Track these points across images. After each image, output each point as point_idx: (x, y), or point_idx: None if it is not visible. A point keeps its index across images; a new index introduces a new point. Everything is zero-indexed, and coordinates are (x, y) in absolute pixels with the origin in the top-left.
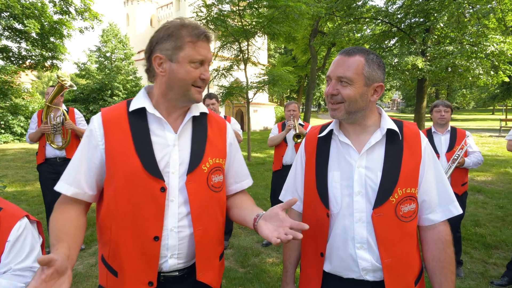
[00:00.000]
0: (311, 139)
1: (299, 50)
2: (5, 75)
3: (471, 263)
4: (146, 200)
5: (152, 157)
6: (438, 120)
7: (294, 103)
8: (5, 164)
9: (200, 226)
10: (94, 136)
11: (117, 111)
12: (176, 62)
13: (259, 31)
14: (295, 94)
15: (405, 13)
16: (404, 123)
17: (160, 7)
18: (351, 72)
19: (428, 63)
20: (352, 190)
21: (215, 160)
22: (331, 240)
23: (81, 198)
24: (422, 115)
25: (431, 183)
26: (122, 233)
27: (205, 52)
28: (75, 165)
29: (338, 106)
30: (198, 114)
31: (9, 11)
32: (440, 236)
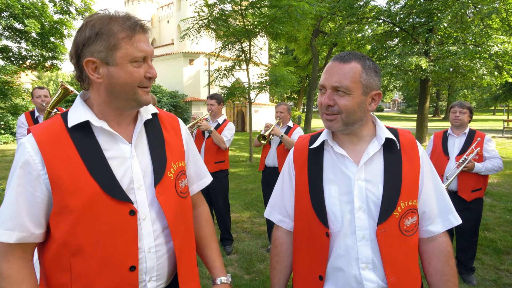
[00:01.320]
0: (301, 151)
1: (301, 50)
2: (5, 75)
3: (483, 270)
4: (115, 228)
5: (111, 176)
6: (452, 121)
7: (283, 105)
8: (5, 165)
9: (178, 238)
10: (32, 165)
11: (52, 130)
12: (114, 65)
13: (261, 31)
14: (296, 95)
15: (407, 13)
16: (399, 131)
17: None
18: (348, 80)
19: (431, 64)
20: (352, 206)
21: (178, 164)
22: (331, 261)
23: (27, 241)
24: (425, 116)
25: (430, 193)
26: (91, 270)
27: (145, 46)
28: (12, 204)
29: (334, 117)
30: (149, 117)
31: (9, 10)
32: (442, 248)
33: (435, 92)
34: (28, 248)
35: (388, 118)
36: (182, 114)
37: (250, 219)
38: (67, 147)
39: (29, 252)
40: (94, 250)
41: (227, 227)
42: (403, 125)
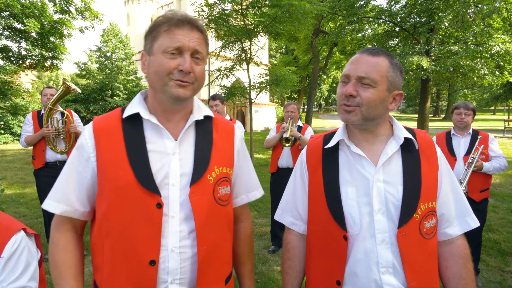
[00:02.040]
0: (314, 151)
1: (301, 50)
2: (4, 75)
3: (488, 272)
4: (140, 218)
5: (147, 168)
6: (457, 123)
7: (293, 104)
8: (4, 166)
9: (204, 245)
10: (85, 147)
11: (109, 119)
12: (151, 55)
13: (261, 31)
14: (296, 95)
15: (408, 13)
16: (416, 131)
17: (161, 7)
18: (375, 73)
19: (432, 63)
20: (371, 208)
21: (222, 170)
22: (350, 265)
23: (71, 216)
24: (426, 116)
25: (448, 195)
26: (115, 257)
27: (182, 38)
28: (64, 180)
29: (353, 109)
30: (201, 117)
31: (9, 10)
32: (459, 251)
33: (435, 92)
34: (77, 223)
35: None
36: None
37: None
38: (117, 136)
39: (78, 228)
40: (120, 237)
41: None
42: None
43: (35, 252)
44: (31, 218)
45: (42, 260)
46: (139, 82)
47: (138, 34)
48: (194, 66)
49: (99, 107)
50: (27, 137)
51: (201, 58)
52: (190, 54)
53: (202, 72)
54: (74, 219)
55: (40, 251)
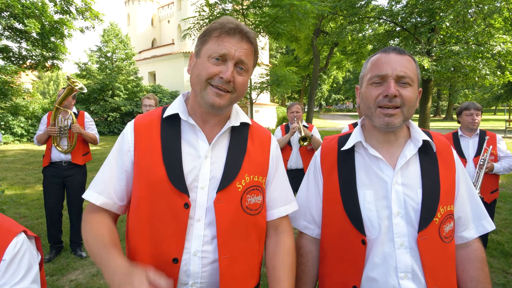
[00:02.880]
0: (329, 153)
1: (302, 50)
2: (5, 75)
3: (491, 273)
4: (167, 216)
5: (179, 167)
6: (469, 125)
7: (297, 104)
8: (5, 166)
9: (227, 253)
10: (126, 141)
11: (151, 117)
12: (199, 57)
13: (262, 31)
14: (296, 95)
15: (409, 13)
16: (432, 133)
17: (161, 7)
18: (411, 71)
19: (434, 63)
20: (390, 211)
21: (253, 178)
22: (367, 270)
23: (110, 208)
24: (427, 116)
25: (464, 198)
26: (141, 250)
27: (229, 47)
28: (106, 172)
29: (396, 112)
30: (237, 124)
31: (9, 10)
32: (476, 254)
33: (435, 92)
34: (112, 215)
35: None
36: None
37: None
38: (155, 133)
39: (111, 219)
40: (147, 231)
41: None
42: None
43: (36, 255)
44: (31, 219)
45: (42, 263)
46: (140, 82)
47: (139, 34)
48: (236, 76)
49: (99, 107)
50: (38, 136)
51: (245, 69)
52: (234, 64)
53: (243, 83)
54: (109, 212)
55: (40, 254)
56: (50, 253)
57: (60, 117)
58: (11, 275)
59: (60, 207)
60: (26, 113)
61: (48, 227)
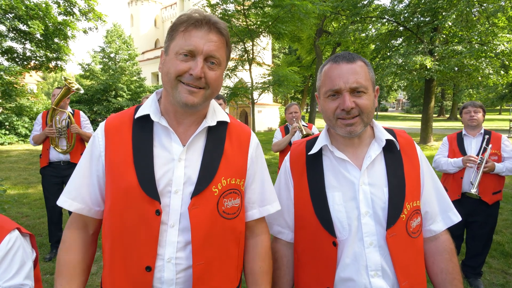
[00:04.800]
0: (298, 158)
1: (304, 50)
2: (9, 76)
3: (490, 274)
4: (139, 223)
5: (150, 173)
6: (468, 122)
7: (295, 105)
8: (9, 166)
9: (201, 260)
10: (97, 145)
11: (122, 118)
12: (167, 54)
13: (264, 31)
14: (299, 95)
15: (412, 12)
16: (395, 131)
17: (164, 8)
18: (363, 79)
19: (436, 63)
20: (359, 212)
21: (231, 181)
22: (339, 271)
23: (86, 214)
24: (429, 116)
25: (430, 192)
26: (115, 258)
27: (197, 42)
28: (78, 177)
29: (356, 120)
30: (214, 123)
31: (13, 12)
32: (445, 246)
33: (439, 91)
34: (89, 222)
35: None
36: None
37: None
38: (126, 136)
39: (90, 226)
40: (119, 238)
41: None
42: (407, 125)
43: (30, 252)
44: (33, 218)
45: (37, 260)
46: (143, 82)
47: (142, 35)
48: (207, 71)
49: (102, 107)
50: (35, 136)
51: (216, 63)
52: (204, 59)
53: (216, 77)
54: (87, 218)
55: (35, 251)
56: (51, 252)
57: (57, 118)
58: (4, 271)
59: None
60: (30, 113)
61: (49, 226)
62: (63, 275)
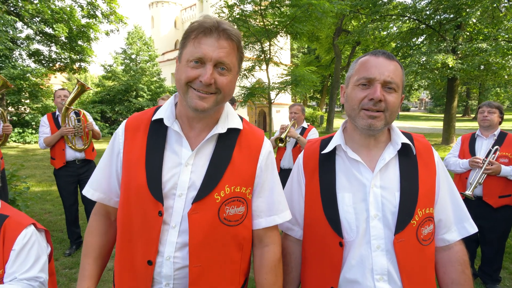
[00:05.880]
0: (311, 156)
1: (323, 49)
2: (35, 78)
3: (510, 280)
4: (144, 221)
5: (158, 175)
6: (480, 122)
7: (298, 106)
8: (34, 164)
9: (198, 263)
10: (117, 142)
11: (141, 118)
12: (180, 62)
13: (281, 31)
14: (318, 94)
15: (434, 9)
16: (413, 136)
17: (184, 9)
18: (398, 77)
19: (459, 61)
20: (368, 214)
21: (235, 189)
22: (344, 272)
23: (106, 203)
24: (452, 116)
25: (446, 200)
26: (122, 249)
27: (206, 49)
28: (101, 169)
29: (379, 115)
30: (224, 130)
31: (40, 16)
32: (457, 257)
33: (464, 91)
34: (111, 210)
35: (415, 118)
36: None
37: None
38: (142, 137)
39: (112, 214)
40: (126, 234)
41: None
42: (430, 125)
43: (45, 246)
44: (55, 215)
45: (52, 254)
46: (163, 83)
47: (162, 36)
48: (217, 76)
49: (124, 107)
50: (46, 138)
51: (227, 69)
52: (214, 65)
53: (228, 83)
54: (108, 207)
55: (50, 246)
56: (70, 248)
57: (72, 117)
58: (20, 264)
59: (77, 205)
60: None
61: (68, 224)
62: (89, 255)
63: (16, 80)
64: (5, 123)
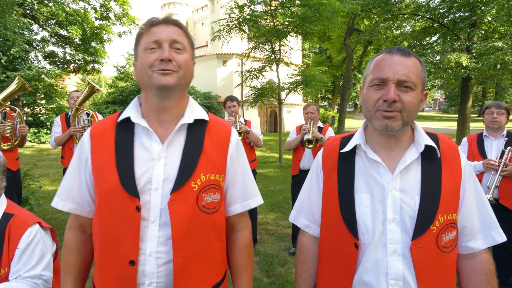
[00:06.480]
0: (330, 154)
1: (334, 49)
2: (50, 79)
3: None
4: (122, 220)
5: (131, 172)
6: (489, 124)
7: (313, 105)
8: (48, 163)
9: (182, 253)
10: (84, 149)
11: (106, 122)
12: (137, 58)
13: (291, 31)
14: (330, 94)
15: (448, 8)
16: (439, 137)
17: (196, 10)
18: (414, 75)
19: (473, 60)
20: (385, 217)
21: (210, 177)
22: (358, 274)
23: (79, 213)
24: (466, 116)
25: (472, 207)
26: (103, 255)
27: (159, 33)
28: (69, 179)
29: (395, 115)
30: (191, 121)
31: (55, 18)
32: (482, 266)
33: (480, 90)
34: (85, 222)
35: (428, 118)
36: (215, 114)
37: (275, 221)
38: (109, 139)
39: (87, 227)
40: (106, 237)
41: (254, 228)
42: (444, 125)
43: (50, 244)
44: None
45: (57, 252)
46: None
47: None
48: (175, 55)
49: None
50: (57, 137)
51: (181, 48)
52: (169, 44)
53: (185, 60)
54: (82, 218)
55: (56, 244)
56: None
57: (81, 117)
58: (24, 262)
59: None
60: None
61: None
62: (69, 273)
63: (32, 82)
64: (22, 124)
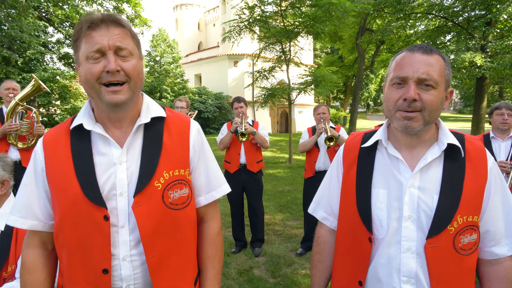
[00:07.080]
0: (352, 149)
1: (346, 49)
2: (64, 80)
3: None
4: (91, 230)
5: (93, 180)
6: (499, 125)
7: (324, 106)
8: None
9: (154, 252)
10: (38, 160)
11: (59, 130)
12: (80, 65)
13: (302, 31)
14: (342, 95)
15: (462, 6)
16: (466, 137)
17: (207, 11)
18: (436, 73)
19: (488, 60)
20: (401, 214)
21: (174, 173)
22: (372, 268)
23: (41, 229)
24: (481, 117)
25: (497, 211)
26: (72, 265)
27: (100, 39)
28: (26, 193)
29: (416, 115)
30: (148, 120)
31: (69, 20)
32: (506, 274)
33: (497, 90)
34: (46, 238)
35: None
36: (226, 115)
37: (282, 221)
38: (64, 148)
39: (48, 242)
40: (75, 247)
41: (261, 228)
42: (458, 126)
43: None
44: None
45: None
46: (186, 84)
47: (186, 38)
48: (121, 63)
49: None
50: None
51: (127, 55)
52: (113, 52)
53: (134, 67)
54: (43, 234)
55: None
56: None
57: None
58: None
59: None
60: None
61: None
62: None
63: (47, 83)
64: (38, 123)
